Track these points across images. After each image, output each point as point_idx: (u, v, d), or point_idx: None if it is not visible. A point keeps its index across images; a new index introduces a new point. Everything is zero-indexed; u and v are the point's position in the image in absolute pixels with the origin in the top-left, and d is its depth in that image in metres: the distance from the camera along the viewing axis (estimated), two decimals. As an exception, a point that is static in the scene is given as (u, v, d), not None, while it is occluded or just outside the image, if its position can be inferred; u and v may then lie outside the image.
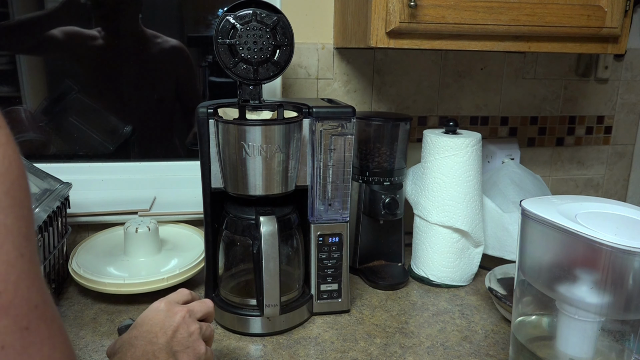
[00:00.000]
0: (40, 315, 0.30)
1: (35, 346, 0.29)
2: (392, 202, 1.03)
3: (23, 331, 0.28)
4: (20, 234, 0.28)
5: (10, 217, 0.28)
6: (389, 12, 0.87)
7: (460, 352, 0.82)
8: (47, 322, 0.30)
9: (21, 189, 0.29)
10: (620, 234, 0.60)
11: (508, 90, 1.32)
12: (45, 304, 0.30)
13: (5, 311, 0.27)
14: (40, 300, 0.30)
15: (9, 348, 0.27)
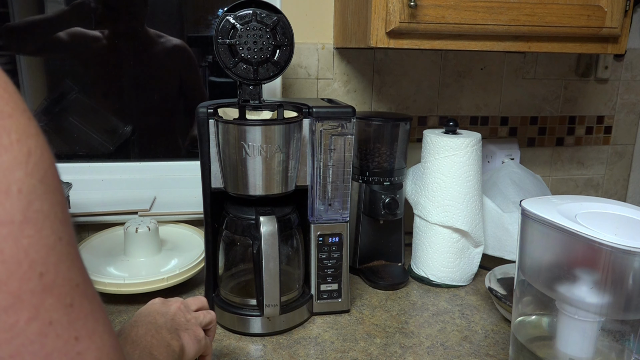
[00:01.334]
0: (82, 292, 0.32)
1: (80, 321, 0.31)
2: (392, 202, 1.03)
3: (68, 308, 0.30)
4: (57, 218, 0.30)
5: (47, 203, 0.29)
6: (389, 12, 0.87)
7: (460, 352, 0.82)
8: (88, 299, 0.32)
9: (54, 177, 0.31)
10: (620, 234, 0.60)
11: (508, 90, 1.32)
12: (86, 283, 0.32)
13: (50, 290, 0.29)
14: (81, 280, 0.32)
15: (57, 324, 0.30)
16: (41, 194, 0.29)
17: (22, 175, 0.28)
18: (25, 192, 0.28)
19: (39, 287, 0.29)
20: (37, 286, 0.28)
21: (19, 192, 0.28)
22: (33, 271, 0.28)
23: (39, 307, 0.29)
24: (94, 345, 0.32)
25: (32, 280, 0.28)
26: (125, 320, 0.89)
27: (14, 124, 0.29)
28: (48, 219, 0.29)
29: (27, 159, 0.29)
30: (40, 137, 0.31)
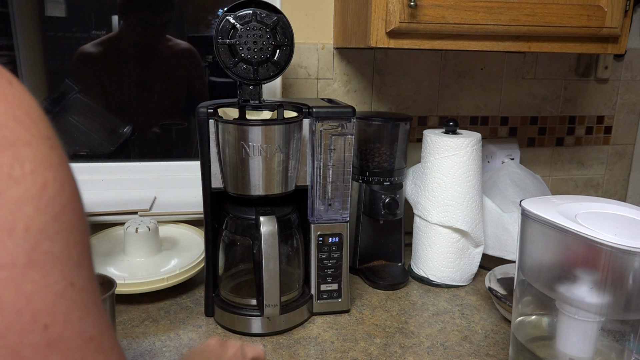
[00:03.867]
0: (96, 347, 0.28)
1: None
2: (392, 202, 1.03)
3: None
4: (70, 261, 0.27)
5: (59, 243, 0.27)
6: (389, 12, 0.87)
7: (460, 352, 0.82)
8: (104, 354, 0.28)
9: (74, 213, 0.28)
10: (620, 234, 0.60)
11: (508, 90, 1.32)
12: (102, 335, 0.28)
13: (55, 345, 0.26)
14: (95, 332, 0.28)
15: None
16: (53, 233, 0.26)
17: (32, 211, 0.26)
18: (33, 231, 0.25)
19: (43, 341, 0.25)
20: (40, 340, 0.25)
21: (26, 230, 0.25)
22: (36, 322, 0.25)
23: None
24: None
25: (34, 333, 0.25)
26: (125, 320, 0.89)
27: (31, 153, 0.26)
28: (59, 262, 0.26)
29: (40, 193, 0.26)
30: (62, 167, 0.28)
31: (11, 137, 0.26)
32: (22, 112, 0.27)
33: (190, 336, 0.85)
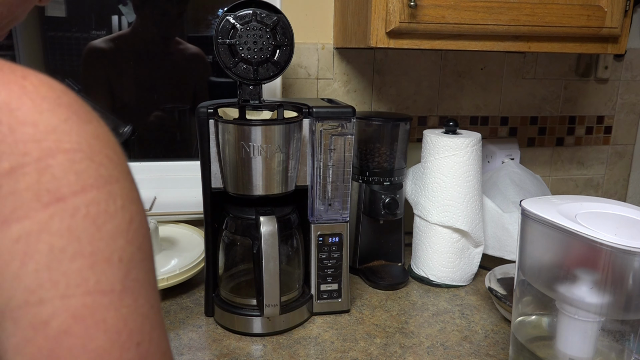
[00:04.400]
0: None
1: None
2: (392, 202, 1.03)
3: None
4: (150, 286, 0.30)
5: (142, 271, 0.29)
6: (389, 12, 0.87)
7: (460, 352, 0.82)
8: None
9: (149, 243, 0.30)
10: (620, 234, 0.60)
11: (508, 90, 1.32)
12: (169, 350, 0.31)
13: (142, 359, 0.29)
14: (167, 347, 0.31)
15: None
16: (138, 262, 0.29)
17: (124, 243, 0.28)
18: (125, 261, 0.28)
19: (136, 357, 0.28)
20: (135, 356, 0.28)
21: (120, 260, 0.28)
22: (131, 341, 0.28)
23: None
24: None
25: (130, 350, 0.28)
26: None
27: (121, 189, 0.29)
28: (143, 288, 0.29)
29: (128, 227, 0.29)
30: (140, 202, 0.31)
31: (106, 175, 0.28)
32: (111, 150, 0.29)
33: (190, 336, 0.85)
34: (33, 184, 0.25)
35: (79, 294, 0.26)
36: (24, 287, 0.25)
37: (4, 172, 0.25)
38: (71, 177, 0.26)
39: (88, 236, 0.27)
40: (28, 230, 0.25)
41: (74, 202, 0.26)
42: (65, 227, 0.26)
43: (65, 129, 0.27)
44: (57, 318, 0.26)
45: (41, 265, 0.25)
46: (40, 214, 0.25)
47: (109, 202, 0.28)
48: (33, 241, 0.25)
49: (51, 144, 0.26)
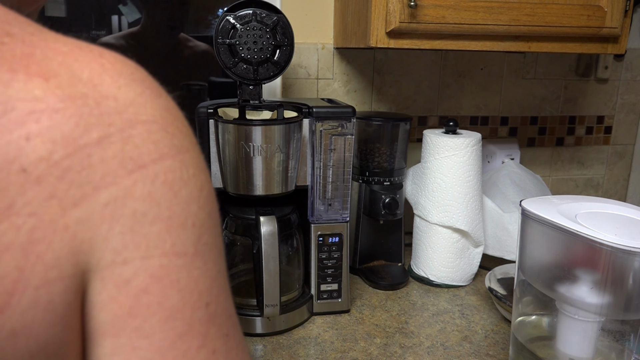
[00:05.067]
0: (234, 323, 0.33)
1: (234, 350, 0.32)
2: (392, 202, 1.03)
3: (225, 337, 0.31)
4: (218, 251, 0.32)
5: (212, 236, 0.31)
6: (389, 12, 0.87)
7: (460, 352, 0.82)
8: (237, 329, 0.33)
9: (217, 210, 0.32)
10: (620, 234, 0.60)
11: (508, 90, 1.32)
12: (235, 314, 0.34)
13: (213, 320, 0.30)
14: (233, 311, 0.33)
15: (218, 353, 0.31)
16: (209, 228, 0.31)
17: (196, 209, 0.30)
18: (197, 226, 0.30)
19: (206, 317, 0.30)
20: (204, 315, 0.30)
21: (193, 225, 0.30)
22: (201, 301, 0.30)
23: (205, 336, 0.30)
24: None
25: (200, 310, 0.30)
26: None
27: (191, 158, 0.30)
28: (212, 252, 0.31)
29: (199, 194, 0.30)
30: (207, 172, 0.32)
31: (178, 145, 0.30)
32: (180, 122, 0.31)
33: (190, 336, 0.85)
34: (118, 152, 0.27)
35: (157, 255, 0.28)
36: (111, 248, 0.27)
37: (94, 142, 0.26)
38: (150, 146, 0.28)
39: (166, 201, 0.28)
40: (115, 196, 0.27)
41: (153, 169, 0.28)
42: (146, 193, 0.28)
43: (141, 102, 0.29)
44: (137, 277, 0.28)
45: (126, 228, 0.27)
46: (125, 180, 0.27)
47: (183, 169, 0.30)
48: (119, 206, 0.27)
49: (131, 115, 0.28)
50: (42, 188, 0.25)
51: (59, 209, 0.26)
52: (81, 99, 0.26)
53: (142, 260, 0.28)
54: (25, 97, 0.25)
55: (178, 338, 0.29)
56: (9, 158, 0.25)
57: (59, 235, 0.26)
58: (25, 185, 0.25)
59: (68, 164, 0.26)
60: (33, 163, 0.25)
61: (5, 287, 0.25)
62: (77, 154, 0.26)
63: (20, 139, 0.25)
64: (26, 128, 0.25)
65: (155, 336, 0.28)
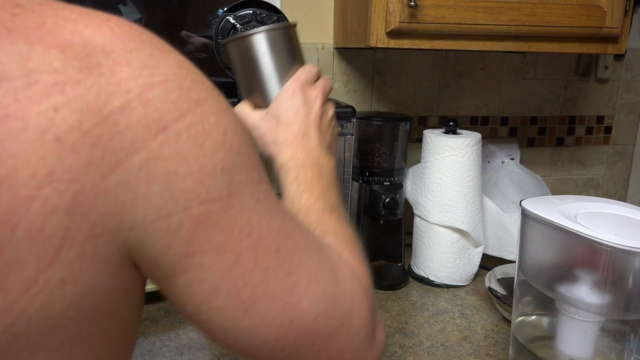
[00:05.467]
0: (284, 235, 0.36)
1: (288, 259, 0.36)
2: (392, 202, 1.03)
3: (276, 252, 0.35)
4: (252, 182, 0.34)
5: (243, 172, 0.33)
6: (389, 12, 0.87)
7: (460, 352, 0.82)
8: (290, 236, 0.37)
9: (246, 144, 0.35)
10: (620, 234, 0.60)
11: (508, 90, 1.32)
12: (285, 225, 0.37)
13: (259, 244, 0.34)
14: (280, 225, 0.36)
15: (271, 268, 0.35)
16: (239, 166, 0.33)
17: (223, 154, 0.32)
18: (227, 169, 0.32)
19: (251, 244, 0.34)
20: (249, 244, 0.34)
21: (222, 170, 0.32)
22: (242, 233, 0.33)
23: (255, 259, 0.34)
24: (304, 272, 0.37)
25: (243, 240, 0.33)
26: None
27: (210, 107, 0.32)
28: (246, 187, 0.34)
29: (224, 138, 0.32)
30: (230, 110, 0.34)
31: (195, 97, 0.31)
32: (194, 74, 0.33)
33: (190, 336, 0.85)
34: (142, 117, 0.29)
35: (195, 205, 0.31)
36: (153, 206, 0.30)
37: (117, 109, 0.28)
38: (169, 105, 0.30)
39: (193, 156, 0.30)
40: (146, 159, 0.29)
41: (175, 128, 0.30)
42: (174, 152, 0.30)
43: (153, 63, 0.30)
44: (183, 226, 0.31)
45: (162, 187, 0.30)
46: (152, 143, 0.29)
47: (204, 121, 0.31)
48: (152, 168, 0.29)
49: (146, 79, 0.29)
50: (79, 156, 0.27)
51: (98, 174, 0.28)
52: (97, 69, 0.28)
53: (184, 212, 0.31)
54: (46, 70, 0.26)
55: (232, 266, 0.33)
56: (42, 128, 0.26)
57: (101, 198, 0.28)
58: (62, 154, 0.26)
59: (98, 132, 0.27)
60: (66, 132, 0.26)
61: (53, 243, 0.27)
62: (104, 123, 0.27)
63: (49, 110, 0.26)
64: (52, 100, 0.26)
65: (213, 267, 0.33)
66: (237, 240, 0.33)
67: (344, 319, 0.39)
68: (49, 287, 0.28)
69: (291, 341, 0.36)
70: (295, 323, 0.36)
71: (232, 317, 0.34)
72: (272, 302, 0.35)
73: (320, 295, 0.37)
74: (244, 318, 0.34)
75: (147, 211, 0.30)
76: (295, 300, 0.36)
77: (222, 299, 0.33)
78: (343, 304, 0.39)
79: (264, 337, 0.35)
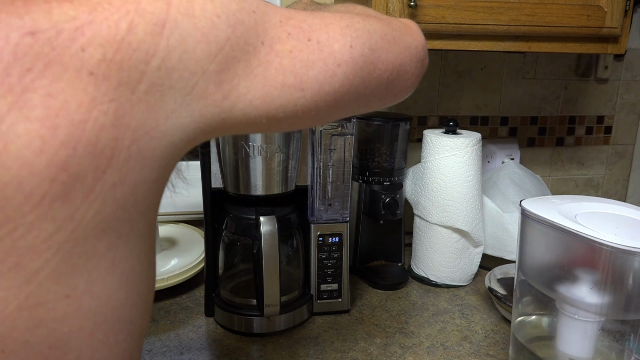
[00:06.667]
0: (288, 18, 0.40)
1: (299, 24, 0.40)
2: (392, 202, 1.03)
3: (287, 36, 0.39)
4: (241, 2, 0.37)
5: (232, 3, 0.37)
6: (389, 12, 0.87)
7: (460, 352, 0.82)
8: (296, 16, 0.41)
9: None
10: (620, 234, 0.60)
11: (508, 90, 1.32)
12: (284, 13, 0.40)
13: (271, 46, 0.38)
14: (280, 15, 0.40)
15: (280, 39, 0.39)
16: (226, 2, 0.36)
17: (211, 5, 0.35)
18: (221, 13, 0.36)
19: (268, 49, 0.38)
20: (266, 49, 0.38)
21: (218, 16, 0.35)
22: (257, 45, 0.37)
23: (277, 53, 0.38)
24: (316, 28, 0.41)
25: (260, 50, 0.37)
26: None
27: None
28: (242, 11, 0.37)
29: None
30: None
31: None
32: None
33: (190, 336, 0.85)
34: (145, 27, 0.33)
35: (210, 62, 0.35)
36: (178, 89, 0.35)
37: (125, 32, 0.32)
38: (156, 2, 0.34)
39: (192, 28, 0.34)
40: (161, 58, 0.33)
41: (171, 16, 0.34)
42: (178, 36, 0.34)
43: None
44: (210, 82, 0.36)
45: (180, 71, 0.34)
46: (161, 42, 0.33)
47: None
48: (167, 62, 0.34)
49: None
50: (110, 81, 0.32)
51: (129, 90, 0.33)
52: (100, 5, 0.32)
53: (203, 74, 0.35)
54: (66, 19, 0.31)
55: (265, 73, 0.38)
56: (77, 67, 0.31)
57: (136, 106, 0.33)
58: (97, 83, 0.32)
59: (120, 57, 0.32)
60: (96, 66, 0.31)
61: (106, 154, 0.32)
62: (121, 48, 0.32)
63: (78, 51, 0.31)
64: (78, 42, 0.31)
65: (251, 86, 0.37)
66: (255, 54, 0.37)
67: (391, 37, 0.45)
68: (104, 191, 0.32)
69: (351, 76, 0.42)
70: (340, 63, 0.41)
71: (296, 99, 0.39)
72: (312, 68, 0.39)
73: (342, 29, 0.42)
74: (305, 93, 0.40)
75: (175, 96, 0.34)
76: (327, 50, 0.40)
77: (277, 95, 0.38)
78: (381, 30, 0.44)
79: (329, 88, 0.41)
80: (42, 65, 0.30)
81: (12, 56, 0.30)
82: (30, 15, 0.31)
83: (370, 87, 0.44)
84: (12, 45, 0.30)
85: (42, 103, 0.30)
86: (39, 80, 0.30)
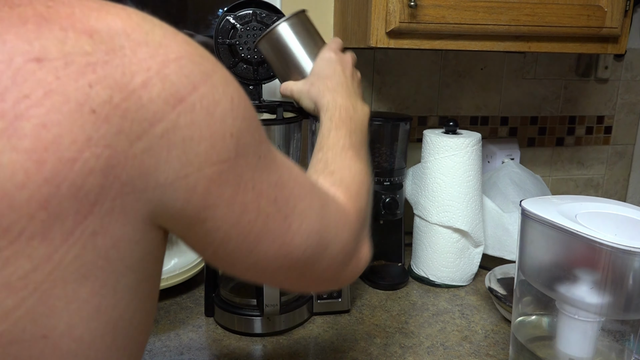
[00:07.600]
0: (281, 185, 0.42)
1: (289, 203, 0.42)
2: (392, 202, 1.03)
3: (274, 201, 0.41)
4: (255, 142, 0.39)
5: (248, 135, 0.38)
6: (389, 12, 0.87)
7: (460, 352, 0.82)
8: (285, 185, 0.42)
9: (249, 109, 0.39)
10: (620, 234, 0.60)
11: (508, 90, 1.32)
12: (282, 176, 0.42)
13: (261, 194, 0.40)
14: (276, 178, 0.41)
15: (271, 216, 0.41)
16: (244, 130, 0.37)
17: (231, 120, 0.36)
18: (235, 134, 0.36)
19: (254, 196, 0.39)
20: (253, 196, 0.39)
21: (231, 135, 0.36)
22: (248, 187, 0.38)
23: (258, 209, 0.39)
24: (297, 214, 0.43)
25: (249, 193, 0.38)
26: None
27: (218, 78, 0.36)
28: (250, 147, 0.38)
29: (231, 105, 0.36)
30: (234, 80, 0.38)
31: (204, 70, 0.35)
32: (201, 50, 0.37)
33: (190, 336, 0.85)
34: (161, 91, 0.33)
35: (208, 166, 0.35)
36: (172, 168, 0.34)
37: (139, 86, 0.32)
38: (184, 80, 0.34)
39: (205, 123, 0.34)
40: (166, 128, 0.33)
41: (190, 100, 0.34)
42: (189, 121, 0.34)
43: (167, 43, 0.34)
44: (199, 184, 0.35)
45: (180, 152, 0.34)
46: (171, 114, 0.33)
47: (213, 92, 0.35)
48: (171, 136, 0.33)
49: (162, 57, 0.33)
50: (111, 125, 0.31)
51: (127, 142, 0.32)
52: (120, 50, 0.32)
53: (198, 172, 0.35)
54: (79, 52, 0.31)
55: (240, 215, 0.38)
56: (80, 101, 0.30)
57: (130, 162, 0.32)
58: (97, 123, 0.31)
59: (126, 105, 0.31)
60: (99, 105, 0.31)
61: (90, 199, 0.31)
62: (130, 98, 0.32)
63: (85, 86, 0.30)
64: (87, 77, 0.30)
65: (225, 217, 0.38)
66: (244, 194, 0.38)
67: (326, 247, 0.46)
68: (83, 237, 0.32)
69: (285, 268, 0.44)
70: (289, 256, 0.43)
71: (241, 256, 0.41)
72: (272, 242, 0.41)
73: (309, 232, 0.44)
74: (250, 256, 0.41)
75: (167, 173, 0.34)
76: (290, 238, 0.42)
77: (233, 243, 0.39)
78: (327, 236, 0.46)
79: (265, 268, 0.43)
80: (41, 93, 0.29)
81: (11, 81, 0.29)
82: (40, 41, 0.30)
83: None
84: (13, 69, 0.29)
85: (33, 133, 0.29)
86: (35, 108, 0.29)
